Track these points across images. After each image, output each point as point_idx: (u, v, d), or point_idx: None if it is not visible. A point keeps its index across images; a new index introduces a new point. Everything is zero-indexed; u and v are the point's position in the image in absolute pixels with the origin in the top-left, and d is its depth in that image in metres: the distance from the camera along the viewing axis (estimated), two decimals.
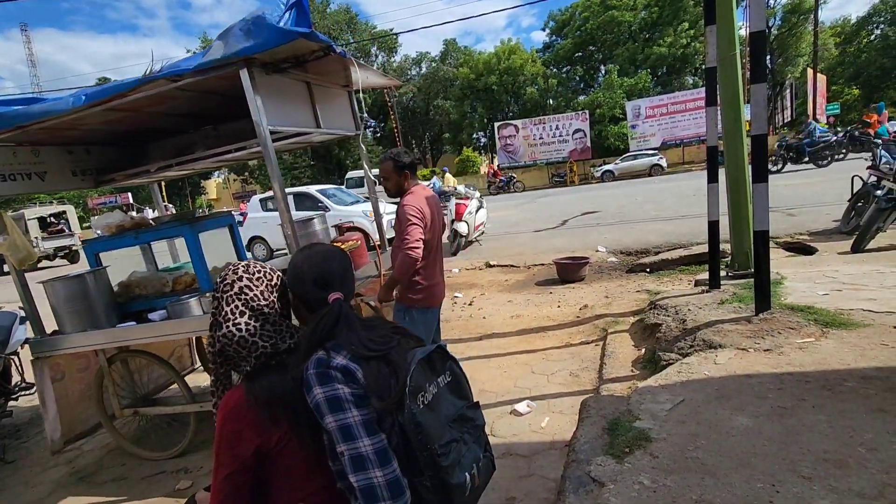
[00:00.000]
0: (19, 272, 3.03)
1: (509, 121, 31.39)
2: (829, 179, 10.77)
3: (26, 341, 3.36)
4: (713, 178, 3.93)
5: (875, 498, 1.58)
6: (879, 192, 5.06)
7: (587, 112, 29.04)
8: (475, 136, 40.89)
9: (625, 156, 25.33)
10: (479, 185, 23.45)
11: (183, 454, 3.15)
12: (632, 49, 32.90)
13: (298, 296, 1.21)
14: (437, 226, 2.69)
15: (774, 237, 5.78)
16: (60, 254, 17.03)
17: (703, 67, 4.59)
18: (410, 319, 2.63)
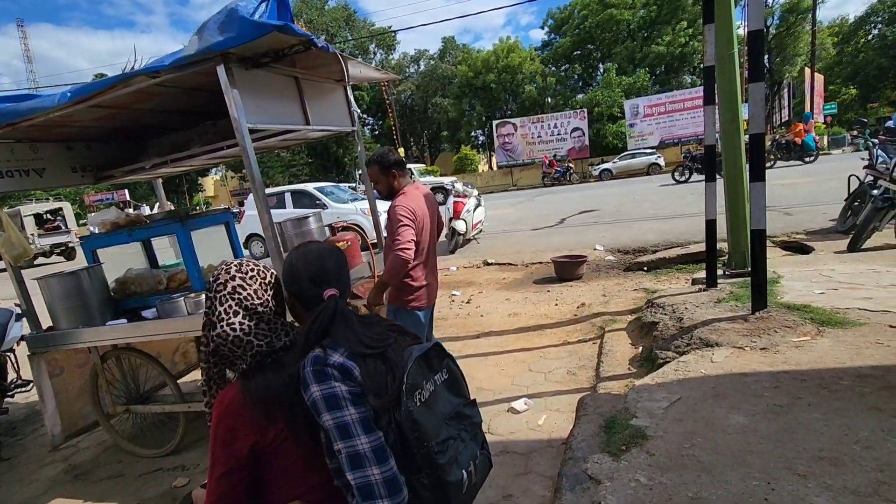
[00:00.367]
0: (15, 269, 3.02)
1: (508, 119, 31.45)
2: (830, 179, 10.80)
3: (22, 338, 3.34)
4: (711, 178, 3.94)
5: (870, 495, 1.59)
6: (876, 192, 5.08)
7: (585, 110, 29.11)
8: (473, 135, 40.92)
9: (623, 154, 25.39)
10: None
11: (179, 452, 3.14)
12: (630, 47, 32.94)
13: (294, 294, 1.20)
14: (433, 225, 2.59)
15: (771, 236, 5.80)
16: (57, 251, 17.00)
17: (702, 66, 4.60)
18: (401, 320, 2.55)
